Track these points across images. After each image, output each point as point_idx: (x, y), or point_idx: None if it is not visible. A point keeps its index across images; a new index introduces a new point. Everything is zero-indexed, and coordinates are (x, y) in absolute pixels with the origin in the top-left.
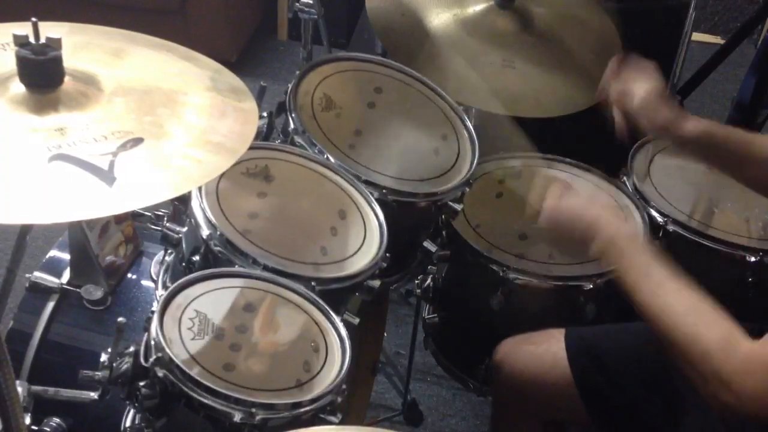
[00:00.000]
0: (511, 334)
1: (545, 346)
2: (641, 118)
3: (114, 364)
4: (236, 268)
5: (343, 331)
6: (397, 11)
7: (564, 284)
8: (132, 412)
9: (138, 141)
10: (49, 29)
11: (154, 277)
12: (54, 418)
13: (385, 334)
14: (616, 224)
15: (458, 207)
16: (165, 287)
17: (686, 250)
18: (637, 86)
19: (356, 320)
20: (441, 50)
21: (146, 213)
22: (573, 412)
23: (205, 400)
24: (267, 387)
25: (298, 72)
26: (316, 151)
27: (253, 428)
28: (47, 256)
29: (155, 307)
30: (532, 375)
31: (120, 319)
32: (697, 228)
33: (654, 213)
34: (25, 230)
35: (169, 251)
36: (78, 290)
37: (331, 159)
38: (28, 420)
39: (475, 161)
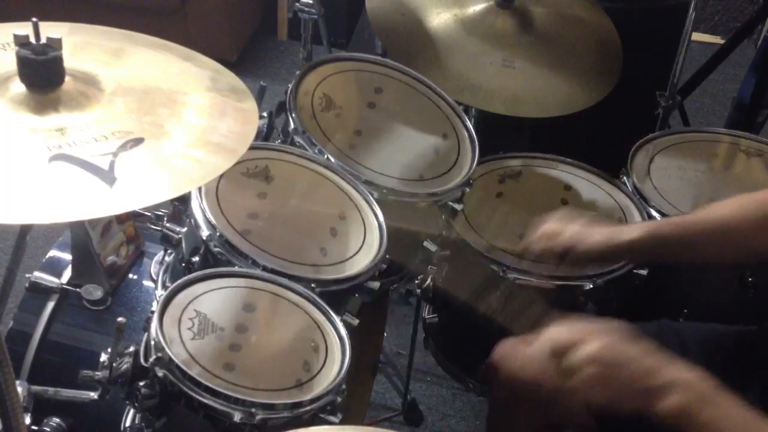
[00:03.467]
0: (511, 335)
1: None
2: (578, 247)
3: (114, 364)
4: (236, 268)
5: (343, 331)
6: (397, 11)
7: (564, 284)
8: (132, 412)
9: (138, 141)
10: (50, 29)
11: (154, 277)
12: (54, 418)
13: (385, 334)
14: (685, 372)
15: (458, 207)
16: (165, 287)
17: None
18: (565, 226)
19: (356, 322)
20: (441, 50)
21: (146, 213)
22: (569, 414)
23: (205, 400)
24: (267, 387)
25: (298, 72)
26: (316, 151)
27: (253, 428)
28: (47, 256)
29: (155, 307)
30: (529, 376)
31: (120, 319)
32: None
33: (654, 213)
34: (25, 230)
35: (169, 251)
36: (78, 290)
37: (331, 159)
38: (28, 420)
39: (475, 161)
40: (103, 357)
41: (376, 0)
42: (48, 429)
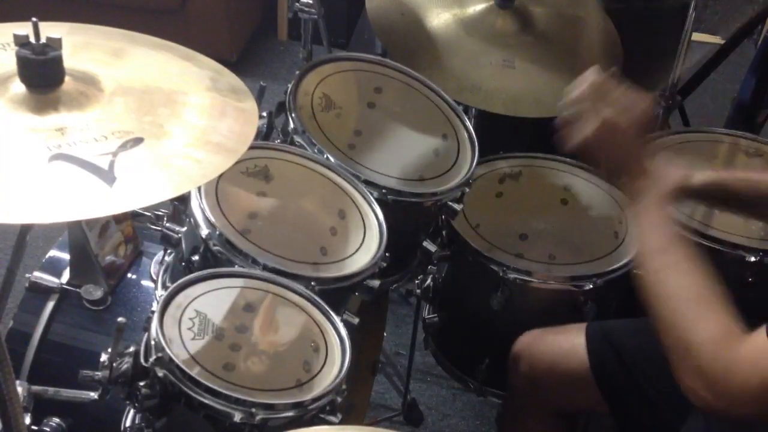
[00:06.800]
0: (512, 334)
1: (564, 335)
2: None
3: (114, 364)
4: (236, 268)
5: (343, 331)
6: (397, 11)
7: (564, 284)
8: (132, 412)
9: (138, 141)
10: (50, 29)
11: (154, 277)
12: (54, 418)
13: (385, 334)
14: (667, 175)
15: (458, 207)
16: (165, 287)
17: None
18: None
19: (356, 320)
20: (441, 50)
21: (146, 213)
22: (588, 401)
23: (205, 400)
24: (267, 387)
25: (298, 72)
26: (316, 151)
27: (253, 428)
28: (47, 256)
29: (155, 307)
30: (550, 362)
31: (120, 319)
32: (697, 228)
33: None
34: (25, 230)
35: (169, 251)
36: (78, 290)
37: (331, 159)
38: (28, 420)
39: (475, 161)
40: (103, 357)
41: (376, 0)
42: (48, 429)
